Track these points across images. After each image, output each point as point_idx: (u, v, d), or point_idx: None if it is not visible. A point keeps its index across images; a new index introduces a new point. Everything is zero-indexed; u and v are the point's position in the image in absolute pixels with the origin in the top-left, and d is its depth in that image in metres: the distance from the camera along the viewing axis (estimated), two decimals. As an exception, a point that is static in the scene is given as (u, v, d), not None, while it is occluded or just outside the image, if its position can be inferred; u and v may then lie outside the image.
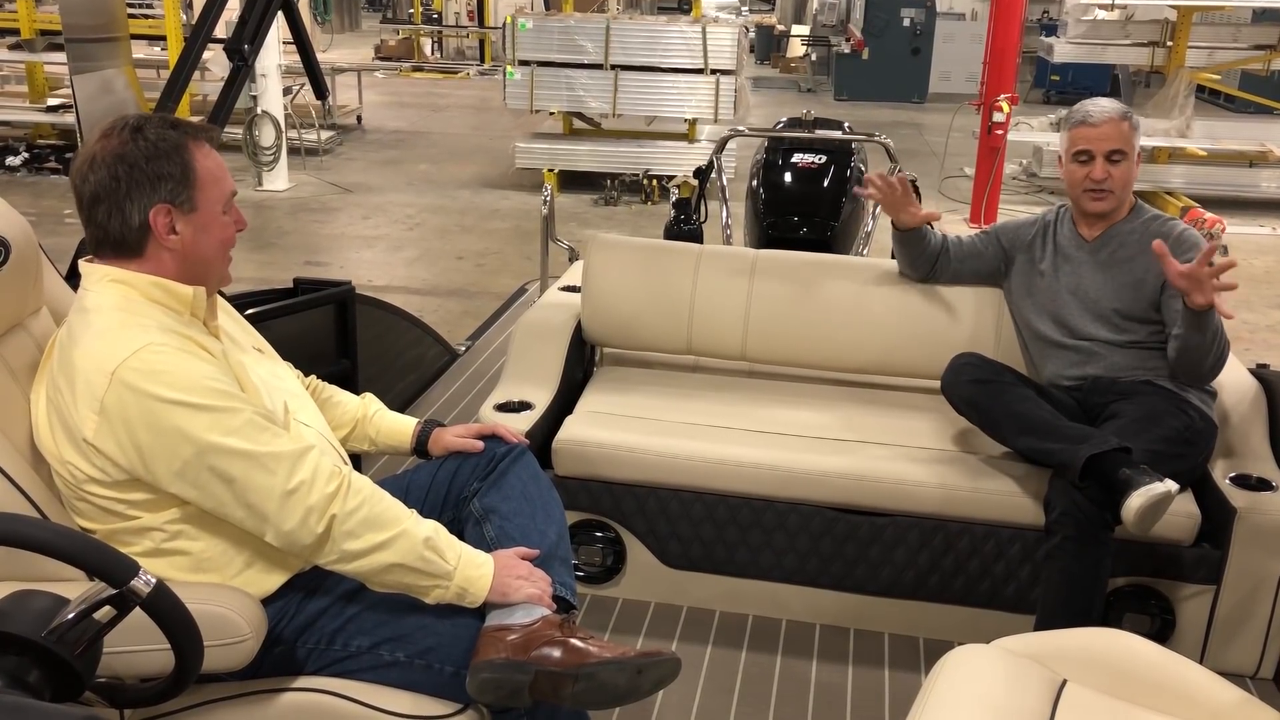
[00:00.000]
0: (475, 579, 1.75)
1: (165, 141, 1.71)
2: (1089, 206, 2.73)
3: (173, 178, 1.71)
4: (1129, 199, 2.76)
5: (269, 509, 1.65)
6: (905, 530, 2.67)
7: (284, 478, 1.65)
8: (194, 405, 1.61)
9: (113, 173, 1.69)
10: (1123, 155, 2.66)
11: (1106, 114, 2.67)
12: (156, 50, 10.46)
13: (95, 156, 1.70)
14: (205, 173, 1.74)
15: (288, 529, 1.65)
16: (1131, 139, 2.67)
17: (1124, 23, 10.20)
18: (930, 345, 2.94)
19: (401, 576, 1.71)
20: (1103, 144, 2.66)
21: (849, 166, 4.52)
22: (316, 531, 1.66)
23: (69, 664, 1.35)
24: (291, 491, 1.65)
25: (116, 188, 1.69)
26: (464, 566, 1.75)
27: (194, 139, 1.75)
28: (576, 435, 2.78)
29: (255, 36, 3.09)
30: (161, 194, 1.70)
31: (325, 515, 1.66)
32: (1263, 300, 6.61)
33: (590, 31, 8.54)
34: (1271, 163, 8.90)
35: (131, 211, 1.70)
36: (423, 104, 13.78)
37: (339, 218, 8.22)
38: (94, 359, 1.63)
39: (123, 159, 1.69)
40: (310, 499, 1.65)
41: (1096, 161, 2.67)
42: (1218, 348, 2.48)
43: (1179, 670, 1.85)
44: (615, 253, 3.16)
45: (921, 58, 14.70)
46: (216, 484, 1.64)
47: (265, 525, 1.66)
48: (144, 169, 1.69)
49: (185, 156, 1.72)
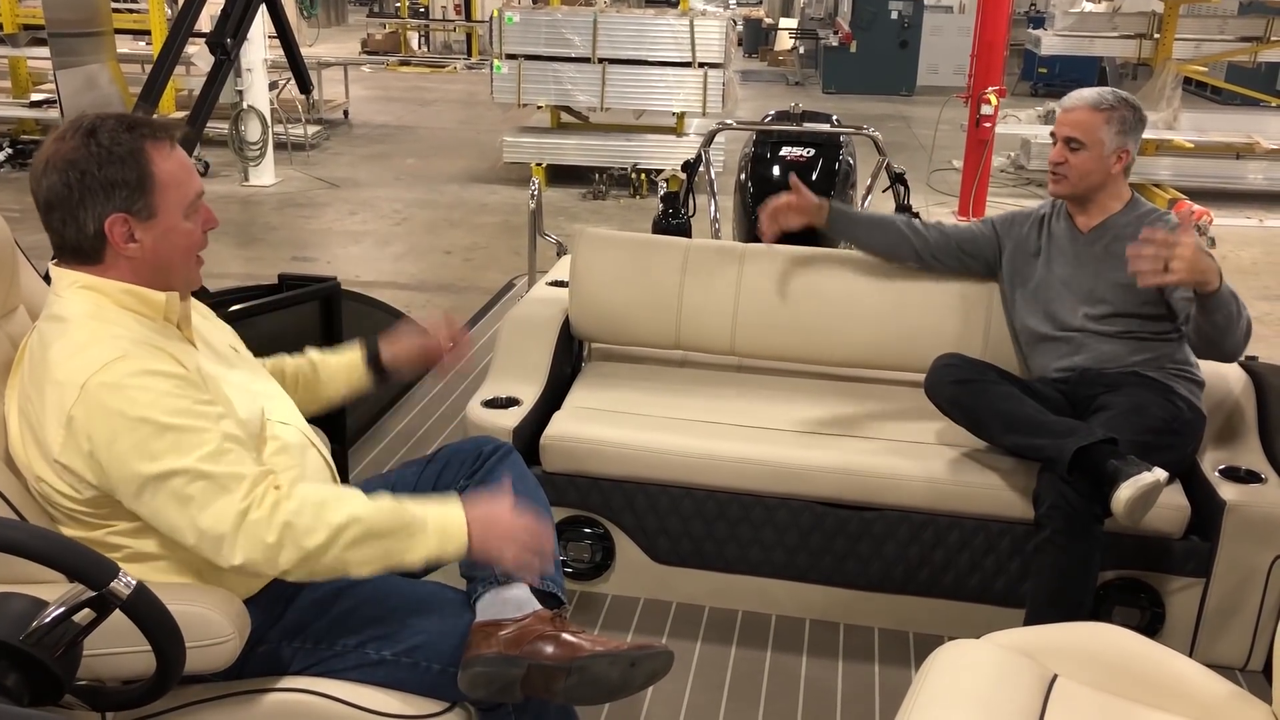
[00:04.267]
0: (450, 517, 1.68)
1: (120, 146, 1.61)
2: (1049, 188, 2.77)
3: (128, 184, 1.61)
4: (1121, 193, 2.74)
5: (224, 534, 1.57)
6: (894, 524, 2.66)
7: (239, 497, 1.58)
8: (157, 424, 1.56)
9: (65, 179, 1.60)
10: (1080, 144, 2.66)
11: (1079, 101, 2.70)
12: (141, 45, 10.40)
13: (49, 160, 1.61)
14: (165, 176, 1.64)
15: (242, 551, 1.58)
16: (1097, 130, 2.65)
17: (1111, 15, 10.23)
18: (919, 339, 2.93)
19: (377, 545, 1.64)
20: (1063, 129, 2.70)
21: (837, 160, 4.51)
22: (269, 543, 1.58)
23: (48, 667, 1.34)
24: (244, 511, 1.58)
25: (69, 195, 1.60)
26: (433, 513, 1.69)
27: (153, 140, 1.65)
28: (564, 431, 2.76)
29: (238, 30, 3.07)
30: (116, 203, 1.61)
31: (274, 525, 1.58)
32: (1250, 292, 6.63)
33: (578, 25, 8.51)
34: (1258, 154, 8.92)
35: (86, 220, 1.62)
36: (410, 98, 13.73)
37: (326, 213, 8.18)
38: (64, 370, 1.58)
39: (74, 165, 1.60)
40: (257, 513, 1.58)
41: (1058, 144, 2.70)
42: (1237, 328, 2.43)
43: (1169, 663, 1.85)
44: (603, 247, 3.14)
45: (909, 50, 14.70)
46: (172, 507, 1.57)
47: (219, 553, 1.58)
48: (96, 176, 1.60)
49: (141, 161, 1.62)
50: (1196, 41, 9.62)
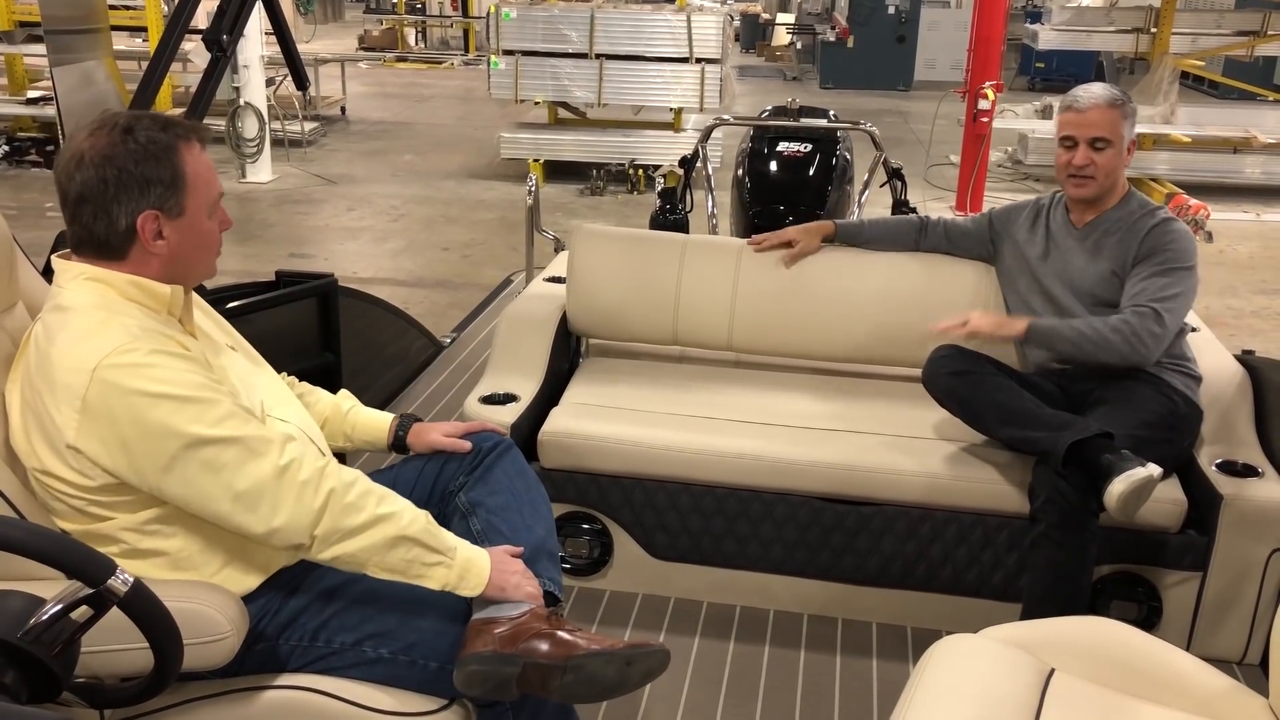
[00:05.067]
0: (475, 560, 1.73)
1: (156, 144, 1.65)
2: (1071, 192, 2.73)
3: (162, 183, 1.66)
4: (1121, 186, 2.75)
5: (264, 491, 1.60)
6: (892, 519, 2.67)
7: (275, 457, 1.62)
8: (178, 398, 1.59)
9: (100, 174, 1.63)
10: (1107, 143, 2.65)
11: (1094, 100, 2.66)
12: (138, 42, 10.39)
13: (83, 155, 1.64)
14: (195, 177, 1.70)
15: (286, 509, 1.61)
16: (1119, 127, 2.65)
17: (1108, 9, 10.22)
18: (917, 333, 2.93)
19: (407, 552, 1.67)
20: (1086, 130, 2.65)
21: (834, 155, 4.51)
22: (314, 507, 1.62)
23: (46, 664, 1.34)
24: (284, 468, 1.62)
25: (104, 190, 1.64)
26: (463, 548, 1.74)
27: (185, 141, 1.70)
28: (562, 427, 2.76)
29: (234, 26, 3.06)
30: (150, 199, 1.66)
31: (321, 490, 1.63)
32: (1247, 286, 6.63)
33: (575, 20, 8.50)
34: (1255, 149, 8.93)
35: (118, 215, 1.65)
36: (407, 94, 13.72)
37: (323, 209, 8.17)
38: (74, 357, 1.59)
39: (111, 160, 1.63)
40: (302, 474, 1.63)
41: (1079, 147, 2.66)
42: (1099, 354, 2.57)
43: (1166, 657, 1.85)
44: (600, 243, 3.14)
45: (907, 46, 14.70)
46: (205, 476, 1.60)
47: (257, 513, 1.61)
48: (133, 172, 1.64)
49: (176, 160, 1.67)
50: (1193, 36, 9.62)
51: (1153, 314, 2.54)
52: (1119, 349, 2.55)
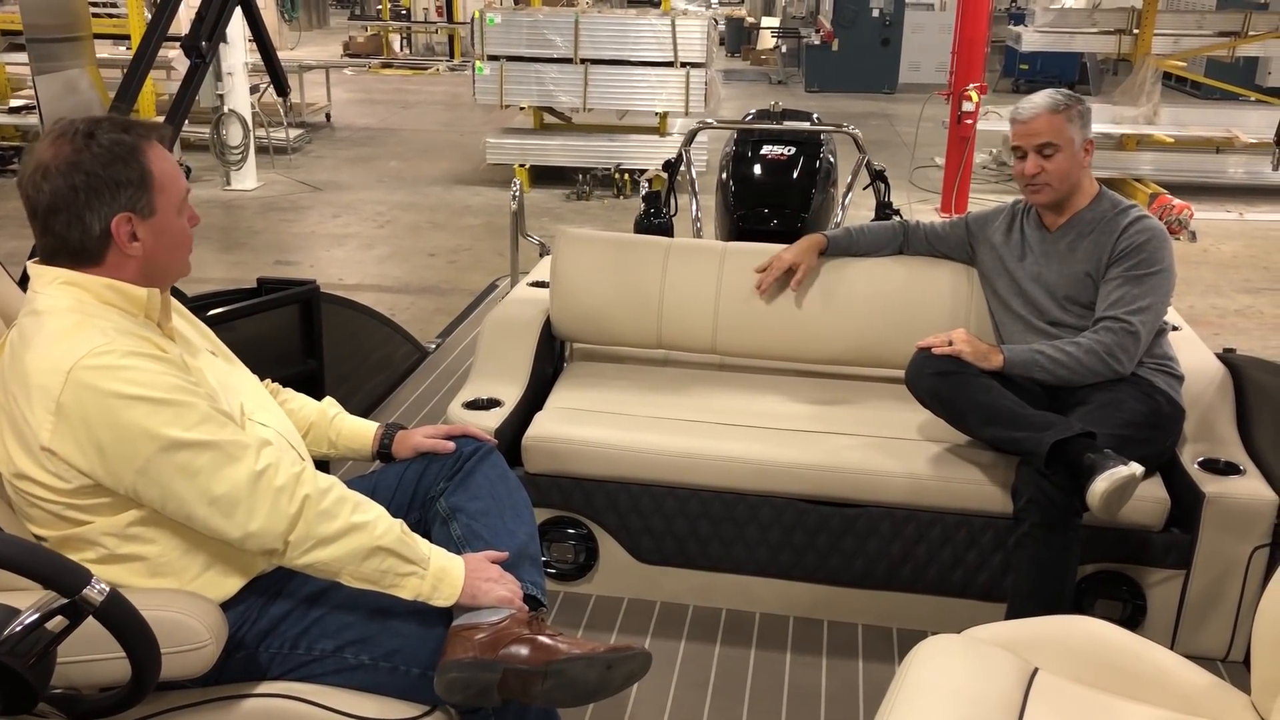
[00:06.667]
0: (449, 570, 1.72)
1: (121, 146, 1.65)
2: (1031, 199, 2.76)
3: (132, 183, 1.65)
4: (1088, 187, 2.75)
5: (239, 496, 1.60)
6: (877, 521, 2.67)
7: (251, 462, 1.62)
8: (154, 400, 1.58)
9: (69, 181, 1.62)
10: (1055, 148, 2.65)
11: (1035, 109, 2.67)
12: (121, 50, 10.32)
13: (48, 165, 1.63)
14: (162, 175, 1.69)
15: (261, 515, 1.61)
16: (1064, 130, 2.65)
17: (1091, 11, 10.28)
18: (900, 336, 2.93)
19: (380, 562, 1.67)
20: (1032, 139, 2.67)
21: (818, 158, 4.52)
22: (289, 513, 1.61)
23: (21, 676, 1.33)
24: (260, 473, 1.61)
25: (75, 196, 1.63)
26: (437, 557, 1.73)
27: (147, 140, 1.69)
28: (546, 432, 2.76)
29: (213, 33, 3.05)
30: (122, 201, 1.65)
31: (296, 497, 1.63)
32: (1230, 285, 6.66)
33: (559, 25, 8.50)
34: (1238, 149, 8.97)
35: (92, 221, 1.64)
36: (392, 100, 13.69)
37: (309, 216, 8.15)
38: (48, 359, 1.58)
39: (78, 166, 1.62)
40: (279, 480, 1.62)
41: (1030, 156, 2.68)
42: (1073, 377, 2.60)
43: (1150, 656, 1.86)
44: (584, 247, 3.14)
45: (891, 48, 14.73)
46: (180, 480, 1.59)
47: (233, 518, 1.60)
48: (102, 176, 1.63)
49: (142, 160, 1.66)
50: (1175, 36, 9.67)
51: (1125, 329, 2.57)
52: (1095, 370, 2.59)
